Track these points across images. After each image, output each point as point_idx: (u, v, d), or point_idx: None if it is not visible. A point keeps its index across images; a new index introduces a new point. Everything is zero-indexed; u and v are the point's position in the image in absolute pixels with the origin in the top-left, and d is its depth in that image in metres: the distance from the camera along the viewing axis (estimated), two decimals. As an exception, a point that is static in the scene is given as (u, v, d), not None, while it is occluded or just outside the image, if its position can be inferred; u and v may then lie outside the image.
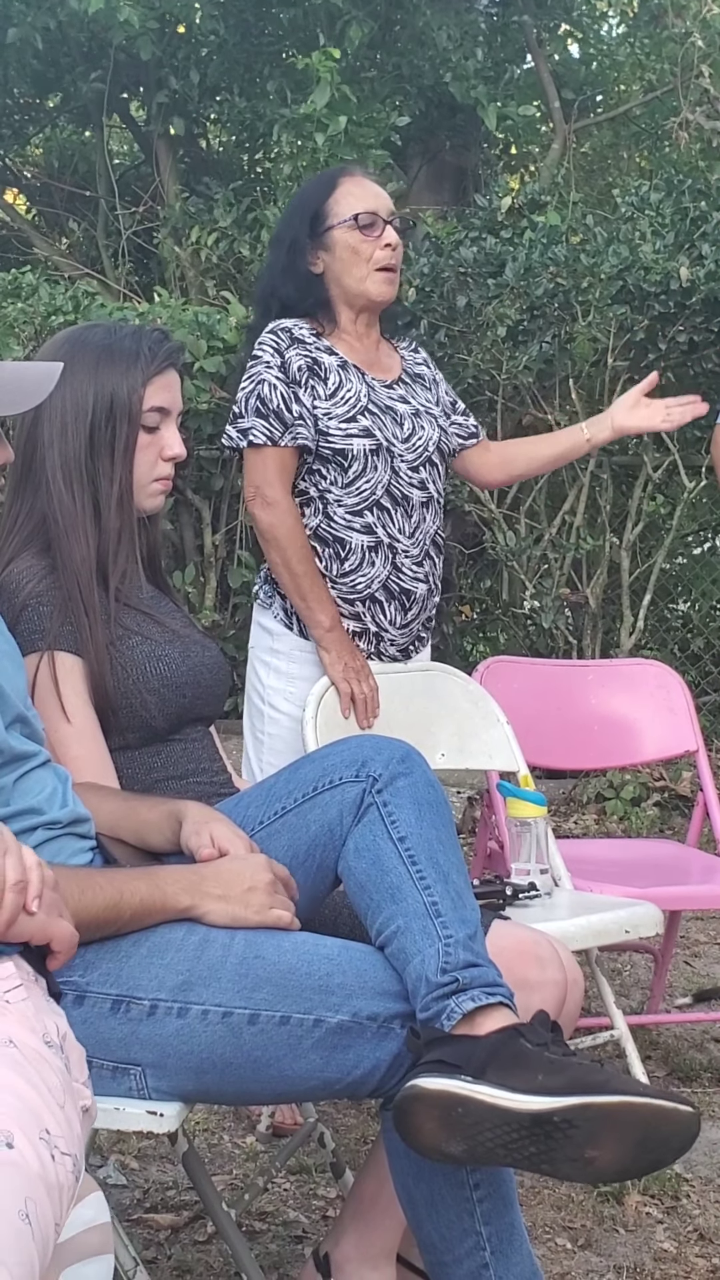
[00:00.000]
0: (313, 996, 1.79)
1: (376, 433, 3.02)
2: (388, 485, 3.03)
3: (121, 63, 8.14)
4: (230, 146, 9.46)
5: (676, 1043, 3.54)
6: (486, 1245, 1.89)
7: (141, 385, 2.28)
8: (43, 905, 1.45)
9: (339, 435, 2.99)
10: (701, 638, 6.34)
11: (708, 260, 5.25)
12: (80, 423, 2.26)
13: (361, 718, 3.00)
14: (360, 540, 3.02)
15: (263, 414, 2.96)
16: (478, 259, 5.63)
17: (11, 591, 2.20)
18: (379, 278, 3.05)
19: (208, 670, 2.34)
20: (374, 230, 3.03)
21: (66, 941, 1.48)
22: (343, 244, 3.03)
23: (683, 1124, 1.74)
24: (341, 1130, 2.99)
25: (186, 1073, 1.81)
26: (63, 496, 2.25)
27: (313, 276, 3.06)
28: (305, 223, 3.05)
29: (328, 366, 3.01)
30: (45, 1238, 1.24)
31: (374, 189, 3.10)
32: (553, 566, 5.77)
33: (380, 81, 8.15)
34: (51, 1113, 1.31)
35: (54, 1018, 1.44)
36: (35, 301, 5.95)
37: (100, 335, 2.32)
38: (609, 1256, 2.54)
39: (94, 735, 2.18)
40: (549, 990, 2.14)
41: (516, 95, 8.39)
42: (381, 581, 3.05)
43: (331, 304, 3.08)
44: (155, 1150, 2.89)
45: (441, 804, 1.98)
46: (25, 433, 2.31)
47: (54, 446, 2.26)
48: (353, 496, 3.01)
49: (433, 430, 3.14)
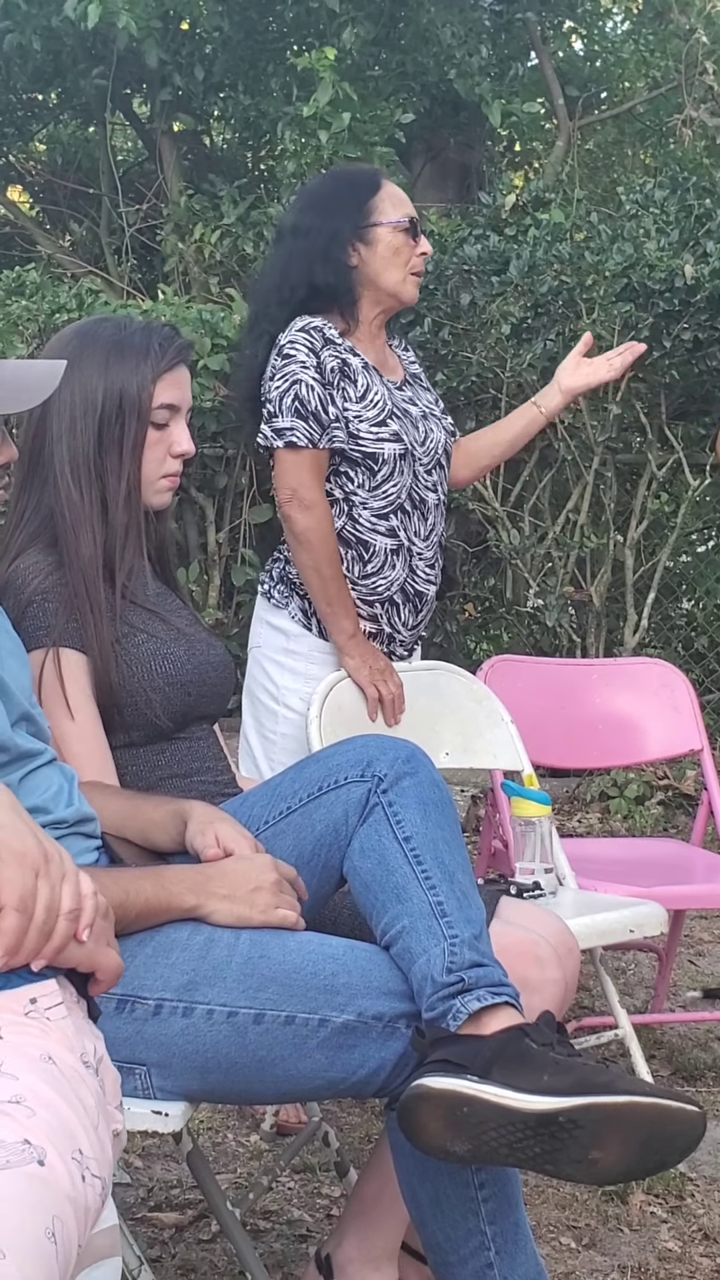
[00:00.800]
0: (318, 996, 1.79)
1: (404, 436, 3.03)
2: (409, 489, 3.04)
3: (124, 59, 8.13)
4: (234, 143, 9.45)
5: (681, 1042, 3.54)
6: (491, 1245, 1.89)
7: (151, 381, 2.27)
8: (93, 935, 1.44)
9: (370, 439, 2.99)
10: (706, 636, 6.33)
11: (712, 258, 5.24)
12: (89, 418, 2.25)
13: (389, 717, 3.01)
14: (384, 543, 3.03)
15: (302, 415, 2.94)
16: (482, 256, 5.63)
17: (17, 587, 2.19)
18: (413, 281, 3.09)
19: (213, 669, 2.34)
20: (415, 235, 3.07)
21: (112, 971, 1.46)
22: (387, 243, 3.04)
23: (688, 1124, 1.74)
24: (346, 1129, 2.99)
25: (191, 1072, 1.81)
26: (70, 492, 2.24)
27: (347, 269, 3.04)
28: (349, 215, 3.05)
29: (355, 368, 3.01)
30: (68, 1258, 1.23)
31: (408, 198, 3.14)
32: (557, 565, 5.77)
33: (384, 78, 8.14)
34: (86, 1133, 1.30)
35: (93, 1040, 1.43)
36: (39, 299, 5.95)
37: (110, 330, 2.31)
38: (613, 1256, 2.54)
39: (96, 733, 2.18)
40: (550, 990, 2.14)
41: (521, 92, 8.37)
42: (399, 584, 3.06)
43: (357, 300, 3.07)
44: (160, 1149, 2.89)
45: (446, 803, 1.98)
46: (33, 427, 2.30)
47: (62, 441, 2.25)
48: (379, 500, 3.02)
49: (440, 432, 3.15)
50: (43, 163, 9.94)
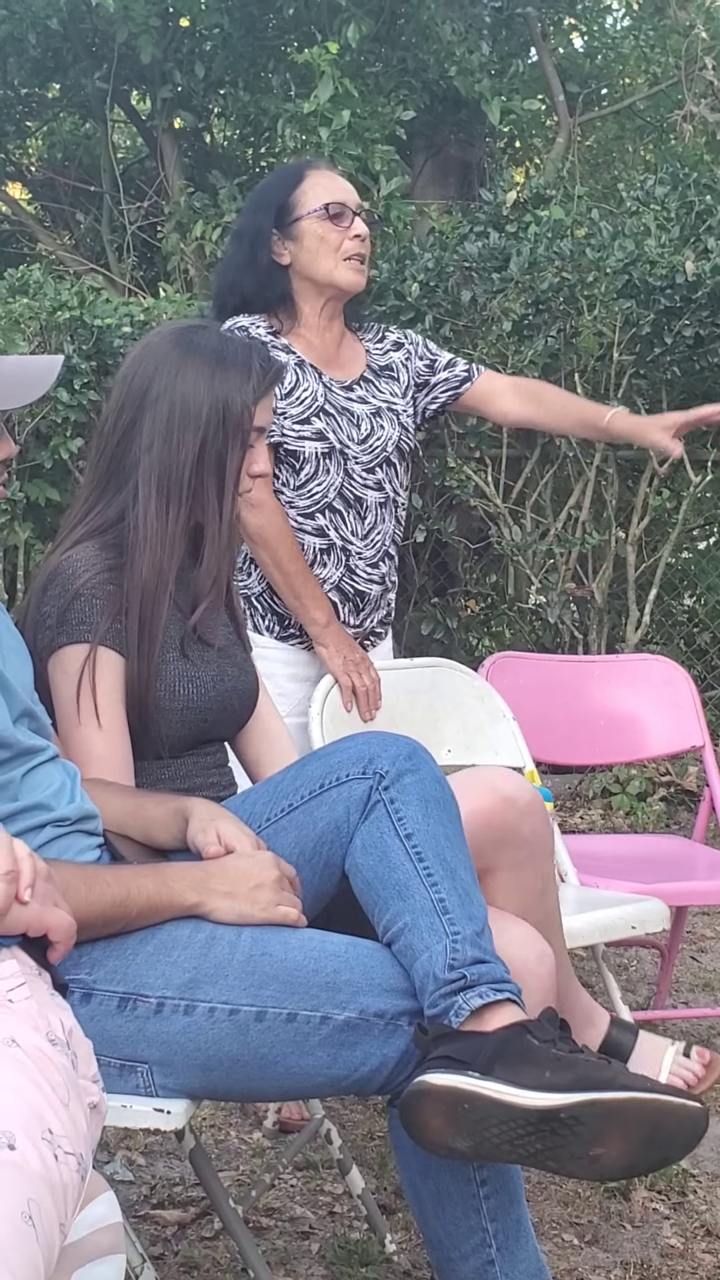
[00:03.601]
0: (320, 993, 1.79)
1: (330, 435, 3.00)
2: (340, 488, 3.02)
3: (124, 56, 8.13)
4: (234, 141, 9.44)
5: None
6: (493, 1241, 1.90)
7: (253, 404, 2.21)
8: (36, 895, 1.44)
9: (292, 436, 2.98)
10: (707, 632, 6.33)
11: (713, 254, 5.24)
12: (189, 433, 2.18)
13: (364, 710, 2.99)
14: (313, 542, 3.02)
15: None
16: (482, 253, 5.62)
17: (67, 577, 2.15)
18: (348, 266, 3.03)
19: (237, 696, 2.32)
20: (343, 220, 3.02)
21: (64, 931, 1.47)
22: (311, 234, 3.01)
23: (690, 1120, 1.74)
24: (348, 1126, 2.99)
25: (193, 1070, 1.81)
26: (151, 504, 2.18)
27: (276, 268, 3.03)
28: (270, 214, 3.03)
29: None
30: (50, 1239, 1.23)
31: (341, 182, 3.09)
32: (558, 561, 5.76)
33: (384, 75, 8.13)
34: (55, 1112, 1.30)
35: (59, 1013, 1.43)
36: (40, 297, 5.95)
37: (214, 342, 2.24)
38: (615, 1252, 2.54)
39: (122, 736, 2.16)
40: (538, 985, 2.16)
41: (521, 89, 8.35)
42: (334, 583, 3.04)
43: (294, 297, 3.06)
44: (162, 1146, 2.89)
45: (448, 800, 1.98)
46: (122, 430, 2.22)
47: (153, 451, 2.19)
48: (304, 499, 3.01)
49: (392, 429, 3.11)
50: (43, 160, 9.93)
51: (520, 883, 2.30)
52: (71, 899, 1.74)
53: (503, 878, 2.28)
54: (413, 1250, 2.52)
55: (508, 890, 2.27)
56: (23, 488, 5.40)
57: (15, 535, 5.46)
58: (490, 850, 2.25)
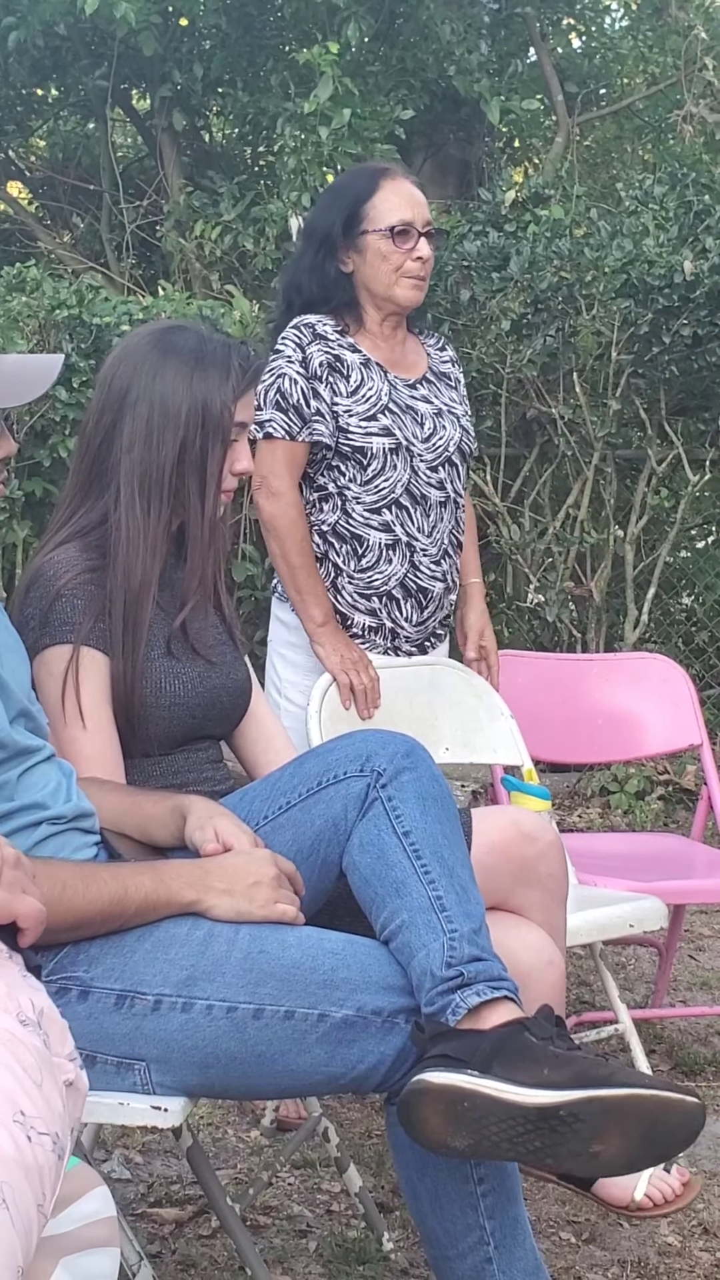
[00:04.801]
0: (317, 991, 1.79)
1: (396, 432, 3.02)
2: (407, 484, 3.04)
3: (124, 55, 8.13)
4: (234, 140, 9.44)
5: (681, 1037, 3.54)
6: (490, 1240, 1.89)
7: (233, 402, 2.23)
8: (3, 882, 1.45)
9: (359, 433, 3.00)
10: (706, 631, 6.33)
11: (711, 254, 5.24)
12: (169, 433, 2.20)
13: (362, 708, 3.00)
14: (379, 538, 3.03)
15: (282, 408, 2.98)
16: (481, 253, 5.62)
17: (49, 577, 2.16)
18: (407, 284, 3.06)
19: (227, 693, 2.32)
20: (407, 241, 3.04)
21: (32, 918, 1.47)
22: (374, 250, 3.04)
23: (688, 1116, 1.74)
24: (346, 1124, 2.99)
25: (191, 1068, 1.81)
26: (133, 506, 2.19)
27: (341, 275, 3.06)
28: (341, 220, 3.05)
29: (350, 364, 3.02)
30: (27, 1221, 1.23)
31: (413, 196, 3.09)
32: (557, 560, 5.76)
33: (384, 75, 8.13)
34: (26, 1093, 1.30)
35: (30, 994, 1.43)
36: (39, 295, 5.94)
37: (193, 342, 2.25)
38: (613, 1251, 2.54)
39: (109, 734, 2.17)
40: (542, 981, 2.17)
41: (520, 89, 8.36)
42: (399, 579, 3.06)
43: (358, 304, 3.09)
44: (159, 1144, 2.89)
45: (446, 798, 1.98)
46: (103, 432, 2.23)
47: (134, 451, 2.20)
48: (371, 494, 3.02)
49: (454, 430, 3.14)
50: (43, 158, 9.93)
51: (532, 919, 2.34)
52: (68, 897, 1.74)
53: (516, 910, 2.33)
54: (410, 1248, 2.52)
55: None
56: (21, 485, 5.41)
57: (14, 533, 5.47)
58: (507, 884, 2.29)
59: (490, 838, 2.28)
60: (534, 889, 2.33)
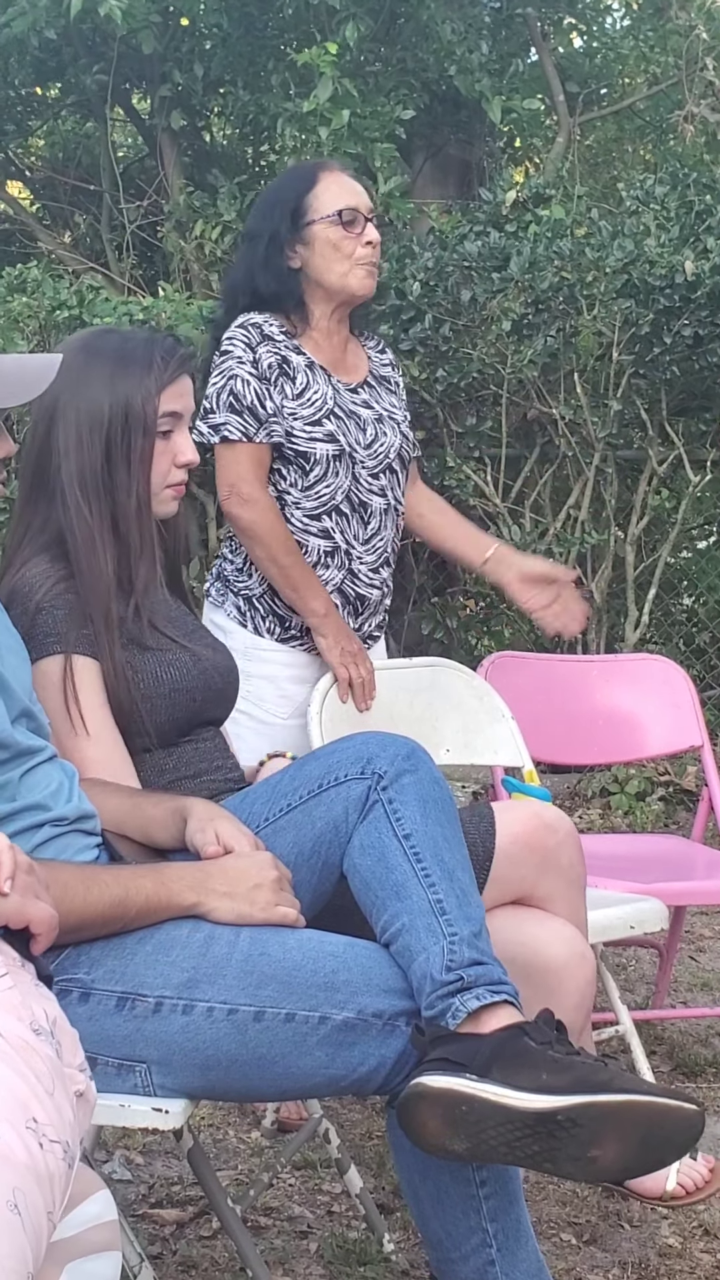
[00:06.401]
0: (318, 994, 1.80)
1: (340, 437, 3.00)
2: (348, 491, 3.02)
3: (124, 55, 8.12)
4: (234, 140, 9.44)
5: (681, 1038, 3.54)
6: (492, 1242, 1.90)
7: (156, 395, 2.26)
8: (16, 887, 1.45)
9: (303, 438, 2.98)
10: (706, 632, 6.33)
11: (713, 254, 5.24)
12: (96, 434, 2.24)
13: (359, 700, 3.00)
14: (317, 544, 3.02)
15: (236, 410, 2.95)
16: (482, 253, 5.61)
17: (25, 595, 2.19)
18: (361, 272, 3.04)
19: (218, 674, 2.35)
20: (356, 227, 3.02)
21: (46, 923, 1.48)
22: (324, 240, 3.01)
23: (686, 1122, 1.75)
24: (346, 1126, 2.99)
25: (192, 1069, 1.81)
26: (80, 509, 2.23)
27: (289, 272, 3.03)
28: (286, 216, 3.03)
29: (296, 366, 3.00)
30: (37, 1228, 1.24)
31: (353, 185, 3.08)
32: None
33: (384, 75, 8.12)
34: (39, 1101, 1.31)
35: (43, 1003, 1.44)
36: (40, 296, 5.95)
37: (114, 344, 2.30)
38: (614, 1252, 2.54)
39: (113, 737, 2.18)
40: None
41: (521, 89, 8.35)
42: (336, 585, 3.05)
43: (305, 300, 3.06)
44: (160, 1146, 2.89)
45: (447, 801, 1.98)
46: (38, 443, 2.28)
47: (70, 457, 2.24)
48: (311, 500, 3.01)
49: (395, 436, 3.12)
50: (43, 158, 9.93)
51: (557, 910, 2.38)
52: (70, 899, 1.74)
53: (541, 902, 2.37)
54: (411, 1250, 2.52)
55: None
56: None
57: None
58: (532, 874, 2.34)
59: (514, 829, 2.33)
60: (558, 878, 2.38)
